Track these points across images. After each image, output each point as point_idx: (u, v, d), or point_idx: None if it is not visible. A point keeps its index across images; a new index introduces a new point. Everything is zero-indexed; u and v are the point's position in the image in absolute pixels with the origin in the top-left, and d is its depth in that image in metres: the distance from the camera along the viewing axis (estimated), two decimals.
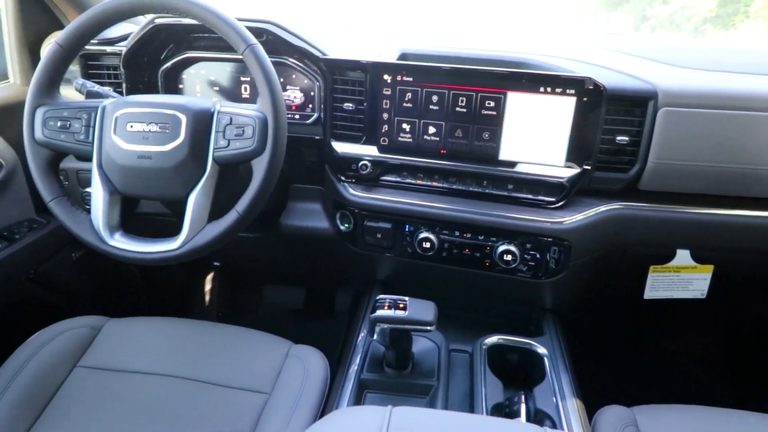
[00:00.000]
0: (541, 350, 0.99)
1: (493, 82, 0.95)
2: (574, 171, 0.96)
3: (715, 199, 0.98)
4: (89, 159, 0.88)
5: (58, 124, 0.87)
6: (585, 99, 0.91)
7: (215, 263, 1.65)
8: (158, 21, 1.07)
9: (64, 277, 1.30)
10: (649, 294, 1.10)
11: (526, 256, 1.01)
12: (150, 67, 1.14)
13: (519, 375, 0.99)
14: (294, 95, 1.13)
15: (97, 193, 0.87)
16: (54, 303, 1.29)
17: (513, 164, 0.99)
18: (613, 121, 0.94)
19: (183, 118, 0.84)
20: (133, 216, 0.95)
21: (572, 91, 0.92)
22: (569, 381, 0.92)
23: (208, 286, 1.70)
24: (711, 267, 1.06)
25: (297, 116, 1.13)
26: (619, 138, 0.95)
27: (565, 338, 1.04)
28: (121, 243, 0.87)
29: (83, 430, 0.82)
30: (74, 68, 1.18)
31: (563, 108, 0.93)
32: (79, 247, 1.31)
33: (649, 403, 0.90)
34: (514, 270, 1.02)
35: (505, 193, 1.00)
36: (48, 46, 0.96)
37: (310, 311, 1.69)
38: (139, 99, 0.88)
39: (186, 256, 0.86)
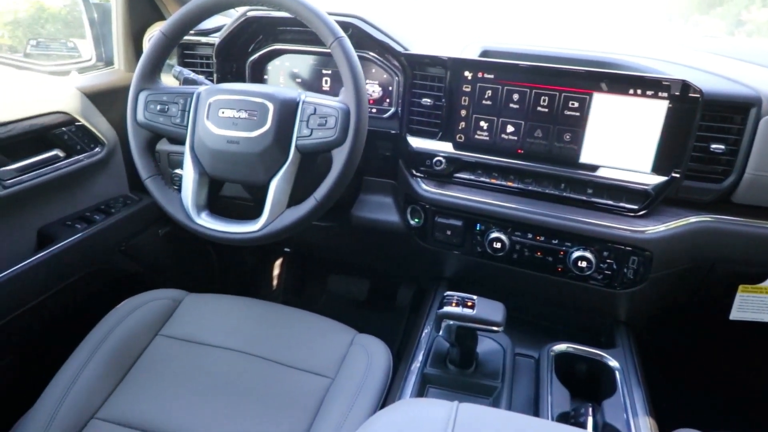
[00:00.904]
0: (613, 363, 0.95)
1: (579, 82, 0.92)
2: (661, 178, 0.91)
3: None
4: (182, 141, 0.94)
5: (158, 107, 0.93)
6: (678, 103, 0.87)
7: (286, 249, 1.71)
8: (250, 14, 1.12)
9: (150, 252, 1.40)
10: (735, 315, 1.02)
11: (601, 264, 0.97)
12: (239, 57, 1.20)
13: (587, 386, 0.95)
14: (372, 89, 1.14)
15: (188, 173, 0.93)
16: (140, 274, 1.38)
17: (594, 168, 0.95)
18: (708, 128, 0.89)
19: (270, 106, 0.87)
20: (217, 198, 1.00)
21: (664, 95, 0.87)
22: (642, 397, 0.88)
23: (276, 271, 1.76)
24: None
25: (374, 110, 1.15)
26: (714, 146, 0.89)
27: (639, 353, 0.99)
28: (207, 222, 0.92)
29: (160, 393, 0.88)
30: (168, 61, 1.26)
31: (653, 112, 0.89)
32: (165, 225, 1.40)
33: (725, 429, 0.84)
34: (587, 277, 0.98)
35: (584, 198, 0.97)
36: (152, 35, 1.04)
37: (373, 303, 1.71)
38: (231, 87, 0.93)
39: (264, 239, 0.89)
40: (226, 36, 1.15)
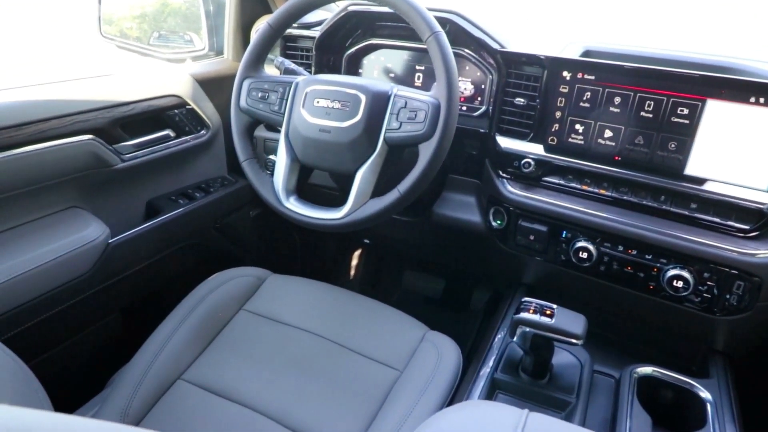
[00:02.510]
0: (704, 394, 0.87)
1: (691, 87, 0.85)
2: None
3: None
4: (279, 128, 0.99)
5: (259, 95, 0.99)
6: None
7: (365, 240, 1.74)
8: (351, 8, 1.15)
9: (241, 231, 1.49)
10: None
11: (700, 286, 0.89)
12: (337, 50, 1.24)
13: (672, 416, 0.88)
14: (464, 87, 1.13)
15: (281, 159, 0.98)
16: (230, 251, 1.48)
17: (701, 181, 0.88)
18: None
19: (363, 98, 0.89)
20: (305, 185, 1.04)
21: None
22: None
23: (355, 261, 1.81)
24: None
25: (464, 108, 1.14)
26: None
27: (737, 387, 0.90)
28: (295, 206, 0.96)
29: (239, 364, 0.94)
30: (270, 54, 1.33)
31: None
32: (256, 207, 1.49)
33: None
34: (682, 299, 0.91)
35: (687, 213, 0.90)
36: (260, 27, 1.10)
37: (446, 302, 1.70)
38: (327, 78, 0.96)
39: (347, 227, 0.92)
40: (327, 29, 1.19)
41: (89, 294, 1.07)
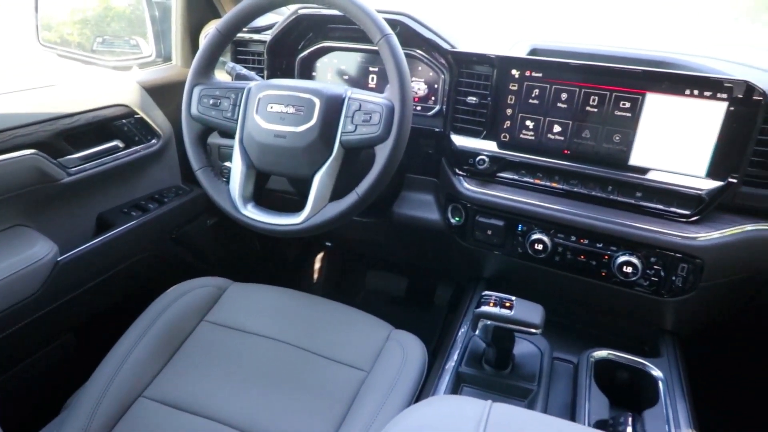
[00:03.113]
0: (656, 372, 0.92)
1: (632, 81, 0.89)
2: (716, 183, 0.87)
3: None
4: (232, 135, 0.97)
5: (211, 101, 0.97)
6: (738, 105, 0.83)
7: (327, 243, 1.74)
8: (301, 12, 1.15)
9: (198, 240, 1.46)
10: None
11: (648, 270, 0.93)
12: (289, 54, 1.23)
13: (628, 395, 0.92)
14: (418, 87, 1.15)
15: (237, 166, 0.96)
16: (189, 262, 1.45)
17: (644, 171, 0.92)
18: None
19: (317, 101, 0.89)
20: (262, 191, 1.03)
21: (723, 96, 0.84)
22: (685, 409, 0.85)
23: (317, 264, 1.80)
24: None
25: (419, 108, 1.15)
26: None
27: (685, 363, 0.95)
28: (252, 213, 0.95)
29: (202, 377, 0.92)
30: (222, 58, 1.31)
31: (711, 114, 0.85)
32: (213, 215, 1.46)
33: None
34: (632, 284, 0.95)
35: (632, 201, 0.94)
36: (208, 32, 1.08)
37: (410, 300, 1.72)
38: (280, 82, 0.95)
39: (307, 231, 0.92)
40: (278, 33, 1.18)
41: (39, 315, 1.02)
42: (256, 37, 1.26)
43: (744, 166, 0.85)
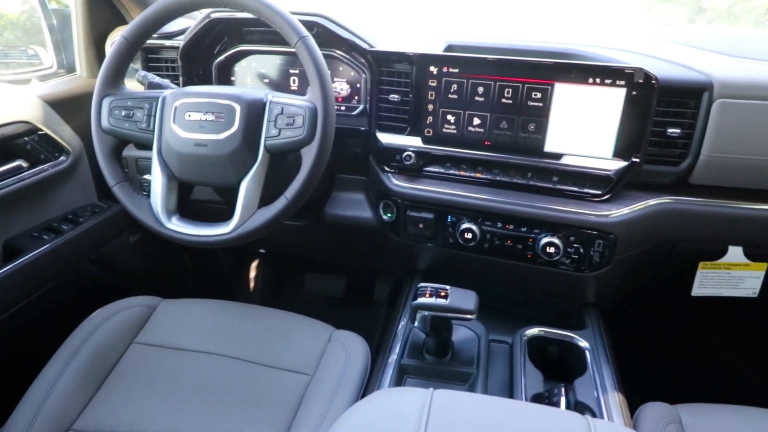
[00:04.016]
0: (583, 343, 0.98)
1: (540, 73, 0.95)
2: (622, 164, 0.94)
3: None
4: (150, 146, 0.93)
5: (123, 113, 0.92)
6: (636, 90, 0.90)
7: (260, 250, 1.70)
8: (214, 15, 1.12)
9: (122, 259, 1.38)
10: (697, 291, 1.07)
11: (569, 249, 1.00)
12: (205, 59, 1.19)
13: (559, 367, 0.98)
14: (340, 87, 1.15)
15: (157, 178, 0.92)
16: (113, 283, 1.36)
17: (558, 156, 0.98)
18: (664, 113, 0.92)
19: (237, 107, 0.88)
20: (187, 202, 1.00)
21: (622, 83, 0.91)
22: (611, 375, 0.92)
23: (252, 273, 1.76)
24: (765, 265, 1.02)
25: (343, 108, 1.16)
26: (670, 130, 0.92)
27: (608, 332, 1.03)
28: (178, 226, 0.92)
29: (139, 401, 0.88)
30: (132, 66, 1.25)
31: (612, 99, 0.92)
32: (136, 232, 1.39)
33: (692, 402, 0.88)
34: (556, 263, 1.01)
35: (550, 185, 1.00)
36: (114, 40, 1.02)
37: (351, 299, 1.72)
38: (196, 90, 0.92)
39: (237, 240, 0.90)
40: (190, 39, 1.14)
41: None
42: (167, 43, 1.21)
43: (644, 146, 0.93)
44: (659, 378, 1.25)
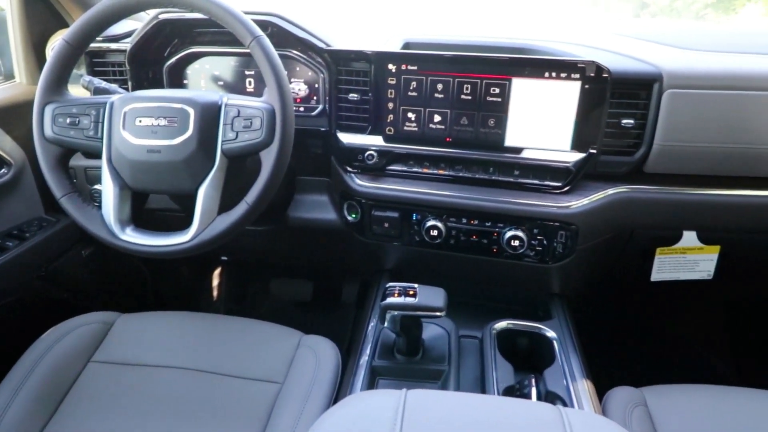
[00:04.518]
0: (550, 334, 1.00)
1: (498, 68, 0.95)
2: (580, 155, 0.96)
3: (721, 180, 0.98)
4: (98, 155, 0.89)
5: (68, 120, 0.87)
6: (590, 83, 0.92)
7: (223, 257, 1.66)
8: (162, 16, 1.07)
9: (74, 275, 1.31)
10: (656, 276, 1.10)
11: (533, 241, 1.01)
12: (155, 63, 1.15)
13: (529, 359, 0.99)
14: (298, 87, 1.13)
15: (108, 188, 0.88)
16: (66, 300, 1.30)
17: (519, 150, 0.99)
18: (618, 105, 0.95)
19: (191, 111, 0.84)
20: (142, 212, 0.96)
21: (577, 76, 0.92)
22: (579, 363, 0.93)
23: (215, 281, 1.71)
24: (717, 248, 1.07)
25: (302, 108, 1.14)
26: (624, 121, 0.95)
27: (574, 321, 1.05)
28: (132, 237, 0.88)
29: (99, 423, 0.83)
30: (76, 71, 1.19)
31: (568, 93, 0.94)
32: (88, 245, 1.32)
33: (657, 383, 0.91)
34: (521, 255, 1.02)
35: (512, 179, 1.01)
36: (55, 44, 0.97)
37: (318, 303, 1.70)
38: (147, 94, 0.89)
39: (197, 249, 0.86)
40: (138, 41, 1.09)
41: None
42: (114, 46, 1.15)
43: (600, 138, 0.95)
44: (625, 362, 1.29)
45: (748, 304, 1.53)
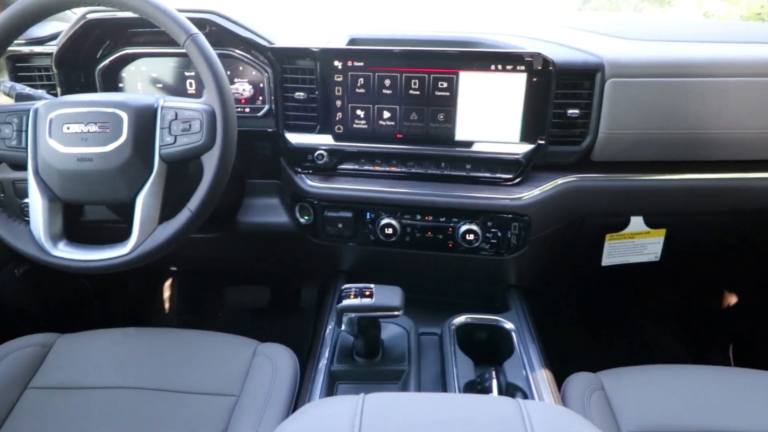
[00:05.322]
0: (509, 325, 1.00)
1: (445, 62, 0.95)
2: (529, 147, 0.97)
3: (665, 166, 1.01)
4: (24, 166, 0.83)
5: None
6: (535, 74, 0.92)
7: (172, 268, 1.59)
8: (90, 16, 1.01)
9: (8, 296, 1.23)
10: (606, 261, 1.13)
11: (487, 234, 1.01)
12: (86, 66, 1.08)
13: (489, 352, 0.99)
14: (243, 88, 1.09)
15: (36, 201, 0.82)
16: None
17: (469, 144, 0.99)
18: (563, 95, 0.96)
19: (124, 115, 0.80)
20: (78, 224, 0.90)
21: (522, 68, 0.93)
22: (537, 353, 0.94)
23: (166, 293, 1.64)
24: (663, 231, 1.10)
25: (247, 109, 1.10)
26: (570, 111, 0.96)
27: (531, 312, 1.06)
28: (66, 252, 0.82)
29: None
30: None
31: (515, 85, 0.94)
32: (22, 263, 1.24)
33: (613, 367, 0.92)
34: (477, 249, 1.02)
35: (464, 174, 1.00)
36: None
37: (276, 309, 1.66)
38: (74, 99, 0.83)
39: (138, 261, 0.82)
40: (65, 43, 1.02)
41: None
42: (38, 49, 1.08)
43: (548, 128, 0.96)
44: (583, 348, 1.32)
45: (695, 285, 1.60)
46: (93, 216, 1.05)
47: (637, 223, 1.08)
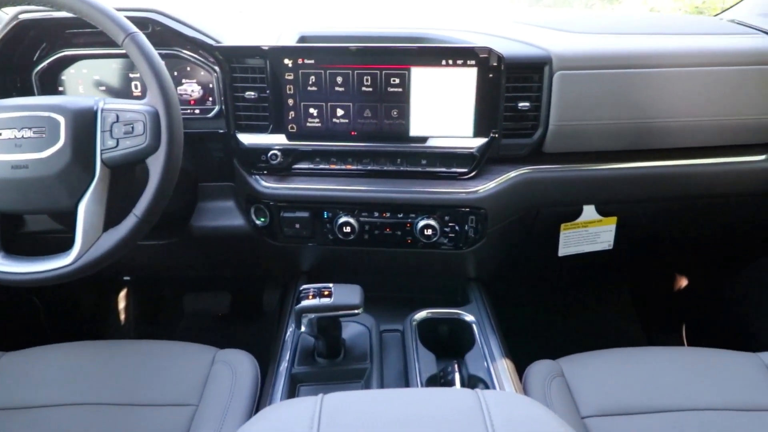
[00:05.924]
0: (469, 318, 1.01)
1: (396, 58, 0.95)
2: (483, 140, 0.98)
3: (614, 155, 1.04)
4: None
5: None
6: (486, 69, 0.93)
7: (125, 278, 1.53)
8: (23, 17, 0.96)
9: None
10: (562, 251, 1.15)
11: (445, 228, 1.02)
12: (21, 69, 1.03)
13: (450, 345, 1.00)
14: (191, 89, 1.06)
15: None
16: None
17: (424, 139, 0.99)
18: (514, 89, 0.97)
19: (61, 119, 0.76)
20: (19, 236, 0.85)
21: (473, 62, 0.93)
22: (498, 344, 0.95)
23: (121, 305, 1.58)
24: (614, 219, 1.13)
25: (197, 111, 1.06)
26: (521, 104, 0.98)
27: (491, 303, 1.07)
28: (3, 266, 0.78)
29: None
30: None
31: (466, 79, 0.95)
32: None
33: (572, 353, 0.94)
34: (435, 243, 1.03)
35: (420, 169, 1.01)
36: None
37: (238, 315, 1.62)
38: (6, 103, 0.79)
39: (81, 271, 0.78)
40: None
41: None
42: None
43: (500, 122, 0.97)
44: (543, 337, 1.34)
45: (648, 271, 1.66)
46: (36, 227, 1.00)
47: (589, 212, 1.11)
